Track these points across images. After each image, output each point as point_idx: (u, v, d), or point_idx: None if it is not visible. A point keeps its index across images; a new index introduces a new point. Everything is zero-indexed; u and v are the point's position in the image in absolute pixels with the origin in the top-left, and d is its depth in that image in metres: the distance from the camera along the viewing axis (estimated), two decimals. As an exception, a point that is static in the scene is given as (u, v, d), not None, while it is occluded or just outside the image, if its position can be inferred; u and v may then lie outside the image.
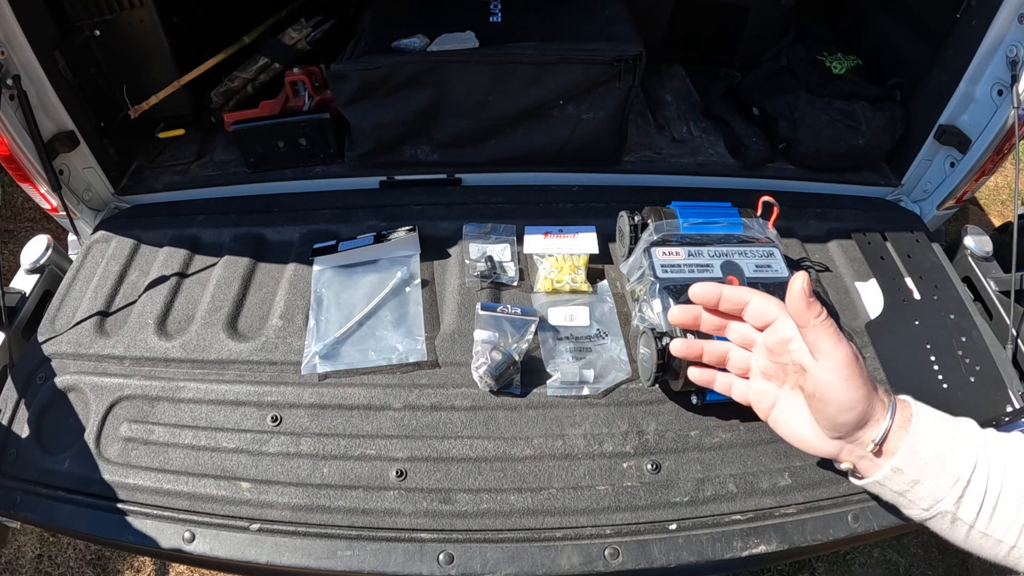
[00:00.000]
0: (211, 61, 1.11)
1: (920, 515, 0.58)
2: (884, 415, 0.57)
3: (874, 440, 0.57)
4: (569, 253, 0.94)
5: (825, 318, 0.55)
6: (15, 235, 1.90)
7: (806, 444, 0.61)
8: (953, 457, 0.55)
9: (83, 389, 0.82)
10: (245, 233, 1.01)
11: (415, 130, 1.05)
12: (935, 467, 0.55)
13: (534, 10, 1.09)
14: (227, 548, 0.69)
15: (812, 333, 0.55)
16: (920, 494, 0.57)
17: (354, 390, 0.80)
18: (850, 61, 1.13)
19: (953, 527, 0.56)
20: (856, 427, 0.57)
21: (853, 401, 0.56)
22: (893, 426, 0.56)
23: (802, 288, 0.55)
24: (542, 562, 0.67)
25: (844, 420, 0.57)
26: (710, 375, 0.66)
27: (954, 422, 0.58)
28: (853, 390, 0.55)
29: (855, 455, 0.59)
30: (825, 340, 0.55)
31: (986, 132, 0.95)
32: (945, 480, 0.55)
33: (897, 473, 0.57)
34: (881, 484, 0.58)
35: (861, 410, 0.56)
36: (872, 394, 0.57)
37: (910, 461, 0.56)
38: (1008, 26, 0.89)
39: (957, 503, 0.55)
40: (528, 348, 0.82)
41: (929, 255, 0.98)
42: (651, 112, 1.25)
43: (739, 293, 0.62)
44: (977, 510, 0.54)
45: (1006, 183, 2.21)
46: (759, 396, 0.63)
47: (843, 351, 0.55)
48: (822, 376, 0.56)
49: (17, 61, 0.89)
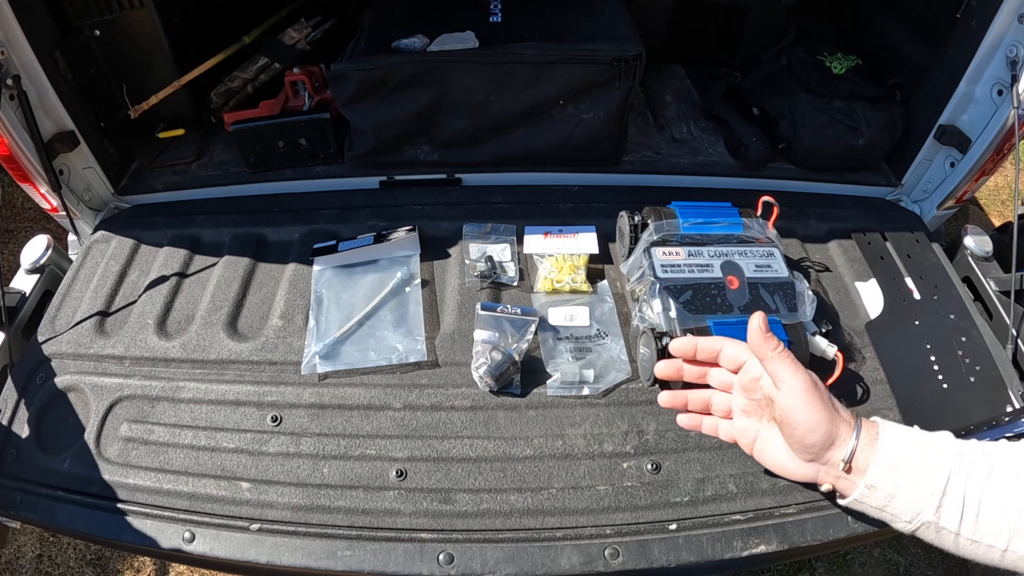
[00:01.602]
0: (211, 61, 1.11)
1: (906, 528, 0.59)
2: (850, 434, 0.60)
3: (843, 459, 0.60)
4: (569, 253, 0.94)
5: (782, 351, 0.61)
6: (15, 235, 1.90)
7: (786, 471, 0.65)
8: (925, 468, 0.58)
9: (83, 389, 0.82)
10: (245, 233, 1.01)
11: (415, 130, 1.05)
12: (908, 480, 0.58)
13: (534, 10, 1.08)
14: (227, 548, 0.69)
15: (771, 364, 0.61)
16: (900, 508, 0.58)
17: (354, 390, 0.80)
18: (850, 61, 1.14)
19: (940, 536, 0.58)
20: (823, 448, 0.61)
21: (816, 422, 0.60)
22: (860, 444, 0.60)
23: (758, 326, 0.61)
24: (542, 562, 0.67)
25: (811, 441, 0.60)
26: (697, 420, 0.71)
27: (922, 435, 0.61)
28: (814, 412, 0.60)
29: (831, 476, 0.62)
30: (783, 369, 0.60)
31: (986, 132, 0.95)
32: (921, 492, 0.57)
33: (872, 490, 0.59)
34: (860, 502, 0.61)
35: (825, 431, 0.60)
36: (834, 415, 0.61)
37: (882, 477, 0.59)
38: (1008, 26, 0.89)
39: (936, 513, 0.57)
40: (528, 348, 0.82)
41: (929, 255, 0.98)
42: (651, 112, 1.25)
43: (712, 343, 0.68)
44: (959, 518, 0.56)
45: (1006, 183, 2.21)
46: (742, 432, 0.68)
47: (801, 378, 0.60)
48: (785, 402, 0.60)
49: (17, 61, 0.89)
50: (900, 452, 0.59)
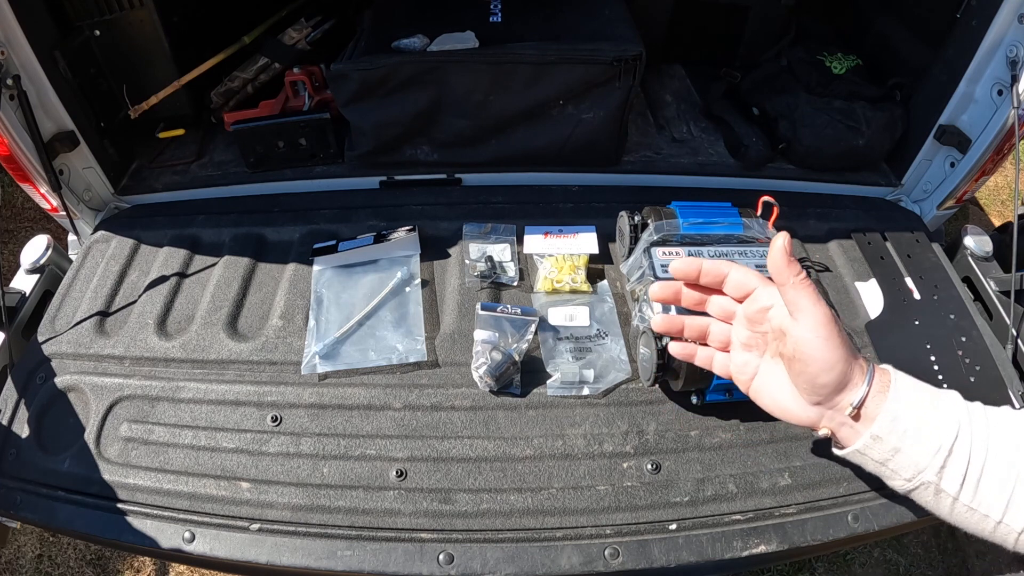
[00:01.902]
0: (211, 61, 1.11)
1: (903, 486, 0.57)
2: (862, 379, 0.57)
3: (852, 404, 0.56)
4: (569, 253, 0.94)
5: (804, 277, 0.56)
6: (15, 235, 1.90)
7: (787, 412, 0.61)
8: (934, 425, 0.55)
9: (83, 389, 0.82)
10: (245, 233, 1.01)
11: (415, 130, 1.05)
12: (915, 435, 0.55)
13: (534, 10, 1.08)
14: (227, 548, 0.69)
15: (792, 291, 0.56)
16: (901, 463, 0.56)
17: (354, 390, 0.80)
18: (850, 61, 1.13)
19: (937, 499, 0.56)
20: (835, 390, 0.57)
21: (832, 360, 0.55)
22: (872, 391, 0.56)
23: (783, 246, 0.55)
24: (542, 562, 0.67)
25: (824, 381, 0.56)
26: (691, 349, 0.66)
27: (935, 391, 0.58)
28: (832, 349, 0.55)
29: (835, 422, 0.58)
30: (804, 298, 0.55)
31: (986, 132, 0.95)
32: (926, 449, 0.54)
33: (877, 441, 0.56)
34: (862, 453, 0.58)
35: (840, 371, 0.56)
36: (851, 357, 0.56)
37: (890, 428, 0.56)
38: (1008, 26, 0.89)
39: (939, 473, 0.54)
40: (528, 348, 0.82)
41: (929, 255, 0.98)
42: (651, 112, 1.25)
43: (718, 266, 0.62)
44: (961, 481, 0.54)
45: (1006, 183, 2.21)
46: (740, 368, 0.63)
47: (822, 310, 0.55)
48: (802, 335, 0.56)
49: (17, 61, 0.89)
50: (911, 406, 0.56)
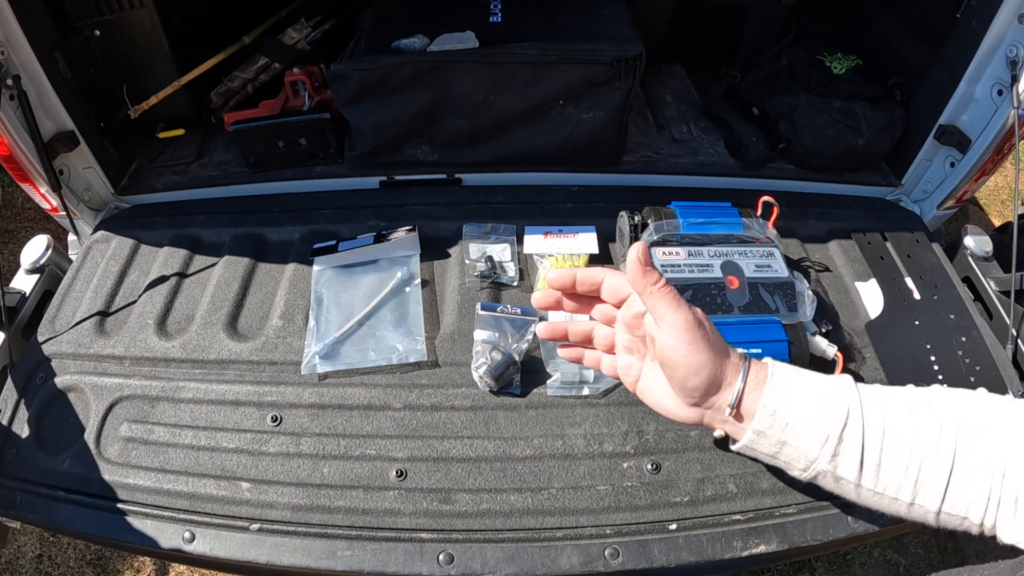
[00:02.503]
0: (211, 61, 1.11)
1: (802, 476, 0.57)
2: (736, 377, 0.56)
3: (729, 404, 0.56)
4: (569, 253, 0.94)
5: (663, 285, 0.54)
6: (15, 235, 1.90)
7: (670, 412, 0.60)
8: (818, 415, 0.54)
9: (83, 389, 0.82)
10: (245, 233, 1.01)
11: (415, 130, 1.05)
12: (799, 427, 0.55)
13: (534, 10, 1.09)
14: (227, 548, 0.69)
15: (651, 300, 0.55)
16: (791, 455, 0.56)
17: (354, 390, 0.80)
18: (850, 61, 1.13)
19: (840, 486, 0.56)
20: (708, 392, 0.56)
21: (698, 365, 0.55)
22: (747, 388, 0.56)
23: (637, 257, 0.54)
24: (542, 562, 0.67)
25: (693, 385, 0.56)
26: (578, 352, 0.66)
27: (820, 379, 0.57)
28: (696, 353, 0.55)
29: (718, 421, 0.58)
30: (663, 306, 0.54)
31: (986, 132, 0.95)
32: (813, 439, 0.54)
33: (761, 436, 0.56)
34: (751, 448, 0.58)
35: (708, 374, 0.55)
36: (720, 358, 0.56)
37: (770, 422, 0.55)
38: (1008, 26, 0.89)
39: (832, 461, 0.54)
40: (528, 348, 0.82)
41: (929, 255, 0.98)
42: (651, 112, 1.25)
43: (592, 273, 0.61)
44: (858, 468, 0.53)
45: (1006, 183, 2.21)
46: (625, 370, 0.63)
47: (682, 316, 0.54)
48: (665, 341, 0.55)
49: (17, 61, 0.89)
50: (790, 397, 0.55)
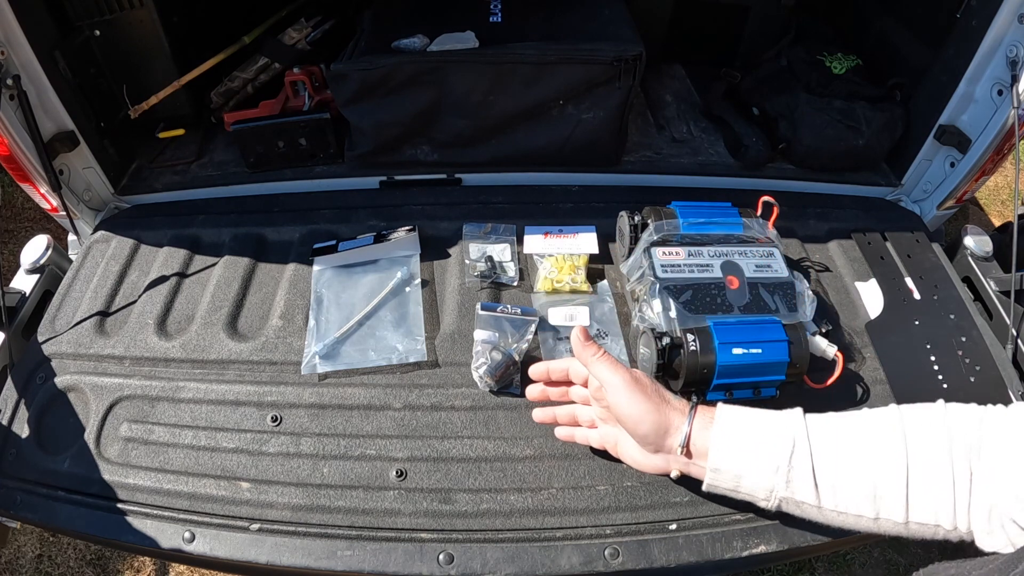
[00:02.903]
0: (211, 61, 1.11)
1: (768, 505, 0.60)
2: (683, 421, 0.62)
3: (680, 444, 0.61)
4: (569, 253, 0.94)
5: (602, 355, 0.64)
6: (15, 235, 1.90)
7: (641, 464, 0.66)
8: (766, 446, 0.58)
9: (83, 389, 0.82)
10: (245, 233, 1.01)
11: (415, 130, 1.05)
12: (750, 459, 0.59)
13: (534, 10, 1.08)
14: (227, 548, 0.69)
15: (594, 368, 0.64)
16: (750, 487, 0.59)
17: (354, 390, 0.80)
18: (850, 61, 1.13)
19: (803, 509, 0.59)
20: (658, 436, 0.62)
21: (640, 413, 0.61)
22: (694, 428, 0.61)
23: (577, 335, 0.65)
24: (542, 562, 0.67)
25: (643, 432, 0.62)
26: (570, 432, 0.72)
27: (764, 414, 0.61)
28: (636, 403, 0.61)
29: (680, 463, 0.63)
30: (603, 370, 0.63)
31: (986, 132, 0.95)
32: (764, 467, 0.58)
33: (718, 472, 0.60)
34: (714, 486, 0.62)
35: (652, 420, 0.61)
36: (661, 404, 0.62)
37: (723, 457, 0.59)
38: (1008, 26, 0.89)
39: (788, 487, 0.57)
40: (528, 348, 0.82)
41: (929, 255, 0.98)
42: (651, 112, 1.25)
43: (560, 364, 0.71)
44: (814, 491, 0.57)
45: (1006, 183, 2.21)
46: (605, 438, 0.70)
47: (619, 375, 0.62)
48: (611, 400, 0.63)
49: (17, 61, 0.89)
50: (737, 431, 0.60)
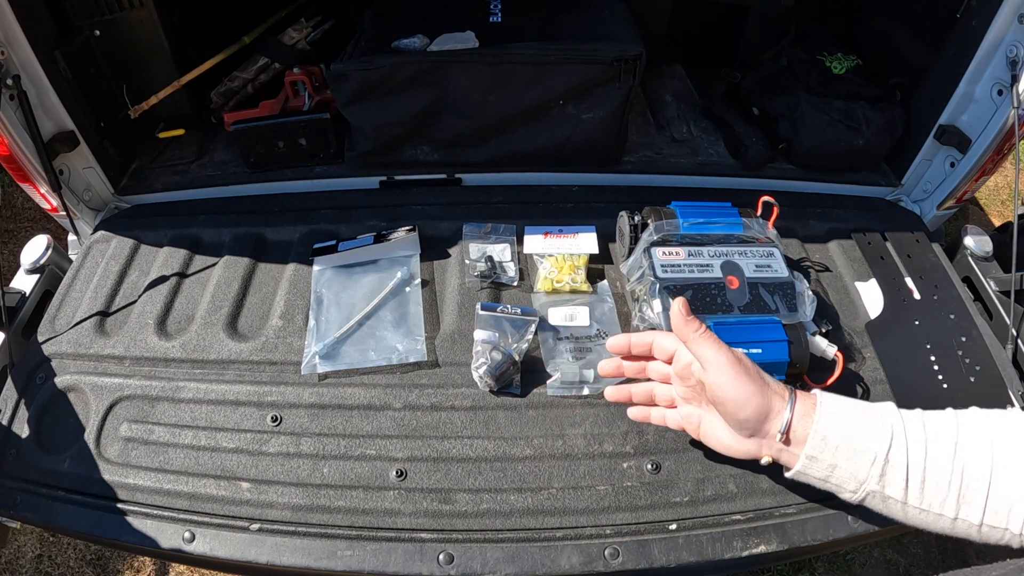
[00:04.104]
0: (211, 61, 1.11)
1: (852, 498, 0.60)
2: (784, 406, 0.61)
3: (780, 430, 0.60)
4: (569, 253, 0.94)
5: (704, 331, 0.62)
6: (15, 235, 1.90)
7: (731, 449, 0.65)
8: (865, 438, 0.58)
9: (83, 389, 0.82)
10: (245, 233, 1.01)
11: (415, 130, 1.05)
12: (847, 449, 0.58)
13: (534, 10, 1.08)
14: (227, 548, 0.69)
15: (694, 346, 0.62)
16: (842, 477, 0.59)
17: (354, 390, 0.80)
18: (850, 61, 1.13)
19: (887, 506, 0.59)
20: (758, 421, 0.61)
21: (745, 397, 0.60)
22: (796, 415, 0.60)
23: (679, 310, 0.63)
24: (542, 562, 0.67)
25: (744, 416, 0.61)
26: (646, 412, 0.72)
27: (862, 405, 0.61)
28: (741, 387, 0.60)
29: (773, 450, 0.62)
30: (707, 349, 0.61)
31: (986, 132, 0.95)
32: (862, 461, 0.58)
33: (812, 461, 0.59)
34: (804, 474, 0.61)
35: (756, 404, 0.60)
36: (765, 388, 0.61)
37: (821, 447, 0.59)
38: (1008, 26, 0.89)
39: (880, 481, 0.57)
40: (528, 348, 0.82)
41: (929, 255, 0.98)
42: (651, 112, 1.25)
43: (643, 337, 0.69)
44: (904, 487, 0.56)
45: (1006, 183, 2.21)
46: (687, 419, 0.68)
47: (724, 355, 0.61)
48: (713, 380, 0.61)
49: (17, 61, 0.89)
50: (839, 422, 0.59)
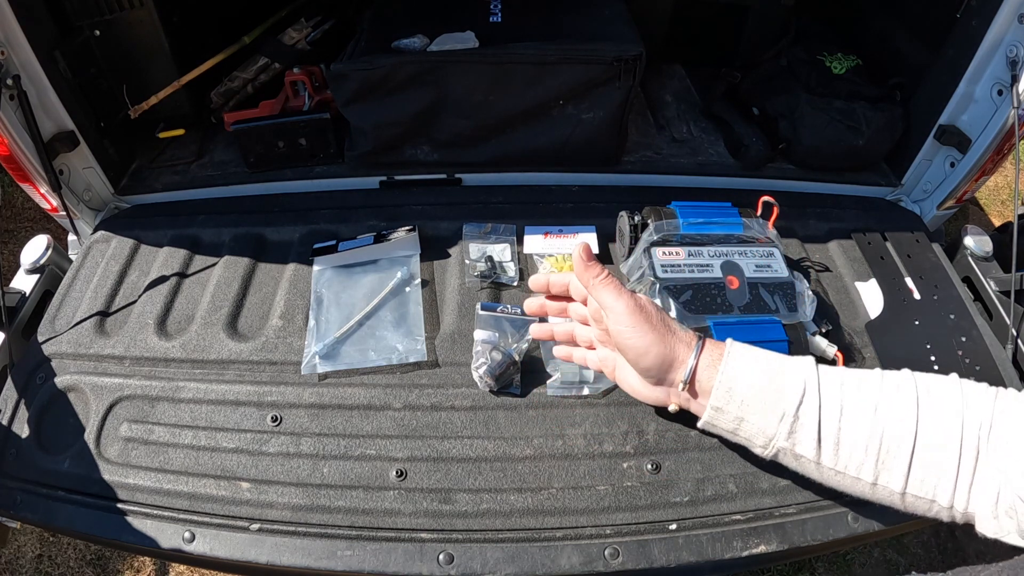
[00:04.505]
0: (211, 61, 1.11)
1: (763, 453, 0.58)
2: (689, 355, 0.58)
3: (682, 380, 0.58)
4: (569, 253, 0.94)
5: (605, 277, 0.59)
6: (15, 235, 1.90)
7: (640, 395, 0.64)
8: (774, 393, 0.56)
9: (83, 389, 0.82)
10: (245, 233, 1.01)
11: (415, 130, 1.05)
12: (756, 404, 0.56)
13: (534, 10, 1.08)
14: (227, 548, 0.69)
15: (595, 291, 0.59)
16: (750, 431, 0.57)
17: (354, 390, 0.80)
18: (850, 61, 1.14)
19: (800, 463, 0.57)
20: (661, 370, 0.59)
21: (645, 345, 0.58)
22: (700, 366, 0.58)
23: (579, 255, 0.59)
24: (542, 562, 0.67)
25: (646, 365, 0.59)
26: (568, 351, 0.71)
27: (776, 358, 0.59)
28: (641, 335, 0.58)
29: (681, 399, 0.61)
30: (606, 295, 0.58)
31: (986, 132, 0.95)
32: (770, 416, 0.56)
33: (719, 412, 0.58)
34: (713, 425, 0.60)
35: (657, 352, 0.58)
36: (667, 336, 0.58)
37: (727, 398, 0.57)
38: (1008, 26, 0.89)
39: (789, 438, 0.56)
40: (528, 348, 0.82)
41: (929, 255, 0.98)
42: (651, 112, 1.25)
43: (561, 277, 0.66)
44: (816, 446, 0.55)
45: (1006, 183, 2.21)
46: (603, 362, 0.67)
47: (624, 302, 0.58)
48: (612, 327, 0.59)
49: (17, 61, 0.89)
50: (746, 374, 0.57)
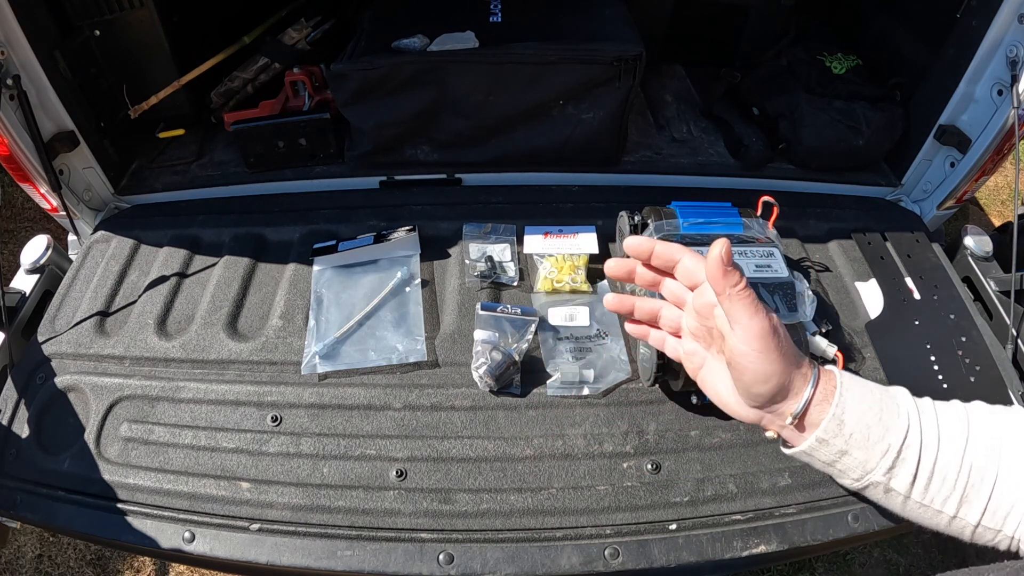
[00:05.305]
0: (211, 61, 1.11)
1: (852, 485, 0.57)
2: (805, 387, 0.55)
3: (793, 413, 0.56)
4: (569, 253, 0.94)
5: (743, 288, 0.53)
6: (15, 235, 1.90)
7: (729, 408, 0.60)
8: (881, 428, 0.55)
9: (83, 389, 0.82)
10: (245, 233, 1.01)
11: (415, 130, 1.05)
12: (861, 438, 0.55)
13: (534, 10, 1.08)
14: (227, 548, 0.69)
15: (728, 303, 0.53)
16: (848, 464, 0.56)
17: (354, 390, 0.80)
18: (850, 61, 1.13)
19: (888, 497, 0.56)
20: (773, 399, 0.56)
21: (767, 374, 0.54)
22: (815, 399, 0.55)
23: (719, 255, 0.53)
24: (542, 562, 0.67)
25: (759, 392, 0.55)
26: (644, 330, 0.65)
27: (883, 391, 0.57)
28: (767, 363, 0.54)
29: (776, 425, 0.58)
30: (741, 310, 0.53)
31: (986, 132, 0.95)
32: (874, 451, 0.55)
33: (822, 444, 0.56)
34: (808, 455, 0.58)
35: (776, 383, 0.54)
36: (790, 368, 0.55)
37: (835, 432, 0.55)
38: (1008, 26, 0.89)
39: (888, 474, 0.55)
40: (528, 348, 0.82)
41: (929, 255, 0.98)
42: (651, 112, 1.25)
43: (671, 250, 0.59)
44: (911, 481, 0.54)
45: (1006, 183, 2.21)
46: (689, 356, 0.62)
47: (759, 323, 0.53)
48: (736, 346, 0.54)
49: (17, 61, 0.89)
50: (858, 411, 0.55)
